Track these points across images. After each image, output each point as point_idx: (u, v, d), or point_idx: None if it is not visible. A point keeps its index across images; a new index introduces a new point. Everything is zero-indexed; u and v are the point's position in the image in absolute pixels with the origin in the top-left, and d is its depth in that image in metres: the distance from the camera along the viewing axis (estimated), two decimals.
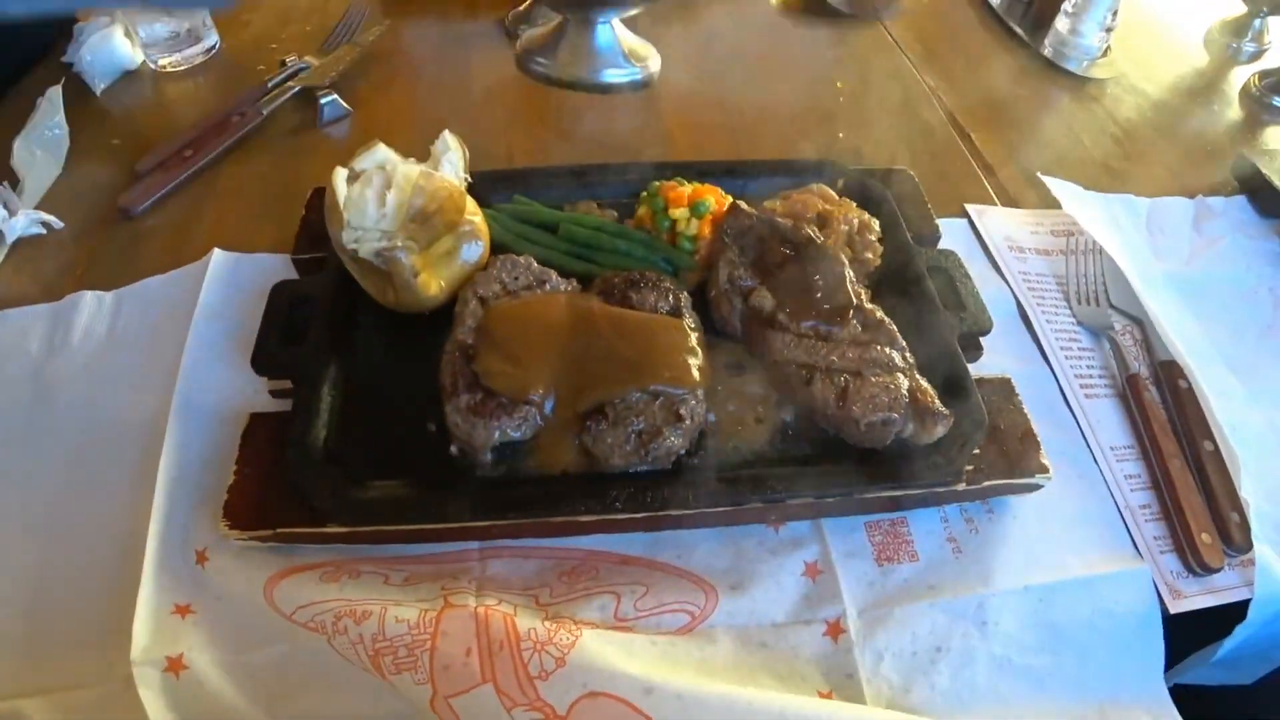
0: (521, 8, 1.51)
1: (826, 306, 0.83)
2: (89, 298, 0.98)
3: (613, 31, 1.31)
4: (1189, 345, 1.00)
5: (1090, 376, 1.01)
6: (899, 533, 0.83)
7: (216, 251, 1.02)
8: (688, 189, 0.94)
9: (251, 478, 0.76)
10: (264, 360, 0.84)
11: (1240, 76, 1.55)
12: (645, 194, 0.98)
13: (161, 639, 0.70)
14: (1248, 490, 0.89)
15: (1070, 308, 1.08)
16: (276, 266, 0.99)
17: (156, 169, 1.16)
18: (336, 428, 0.80)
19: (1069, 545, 0.83)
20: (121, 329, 0.96)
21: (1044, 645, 0.78)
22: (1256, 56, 1.61)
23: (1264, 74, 1.52)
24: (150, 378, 0.90)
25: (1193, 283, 1.13)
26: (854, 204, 0.98)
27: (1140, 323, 1.06)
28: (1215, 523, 0.88)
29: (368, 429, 0.81)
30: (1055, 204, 1.18)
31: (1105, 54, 1.52)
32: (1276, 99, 1.48)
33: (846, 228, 0.93)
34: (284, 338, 0.86)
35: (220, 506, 0.75)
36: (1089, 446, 0.92)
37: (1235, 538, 0.87)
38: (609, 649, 0.68)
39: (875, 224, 0.96)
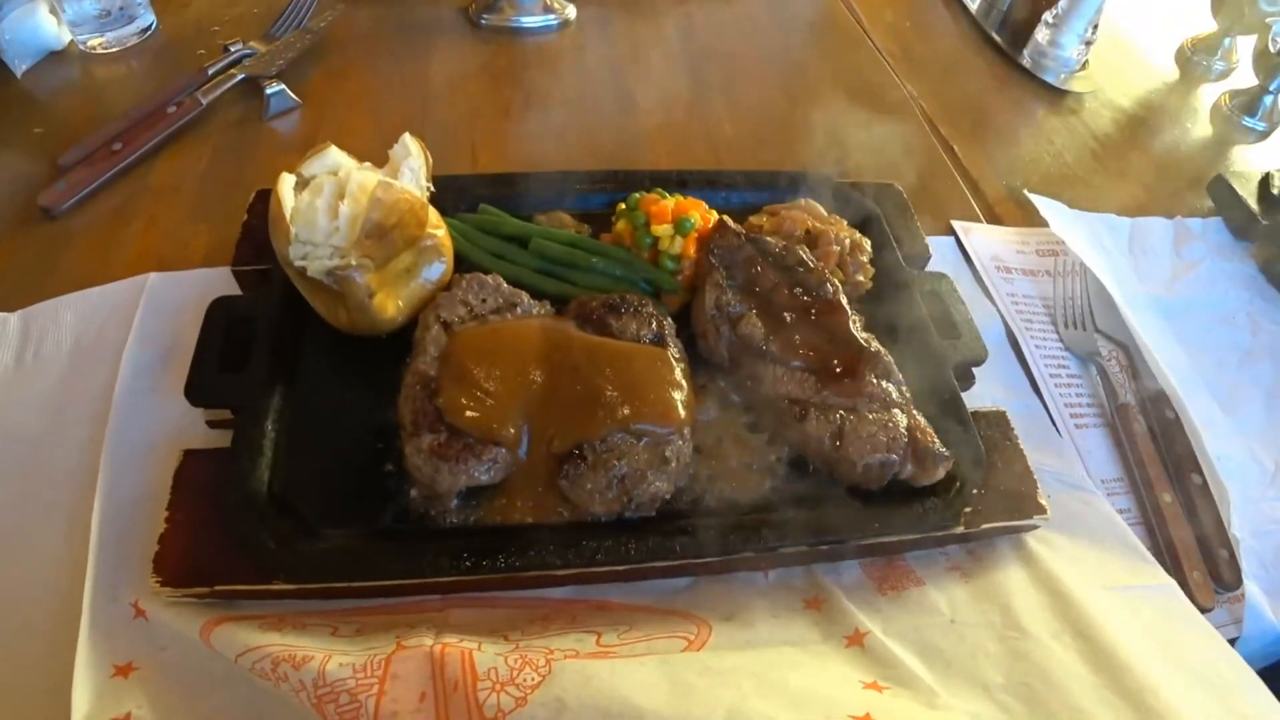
0: None
1: (821, 338, 0.78)
2: None
3: None
4: (1175, 373, 0.99)
5: (1080, 405, 0.98)
6: (897, 565, 0.78)
7: (153, 276, 0.92)
8: (670, 203, 0.87)
9: (185, 525, 0.68)
10: (200, 389, 0.75)
11: (1210, 93, 1.56)
12: (624, 206, 0.91)
13: (104, 704, 0.62)
14: (1237, 527, 0.88)
15: (1058, 332, 1.05)
16: (216, 280, 0.90)
17: (82, 164, 1.05)
18: (282, 467, 0.72)
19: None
20: (34, 355, 0.85)
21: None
22: (1225, 74, 1.62)
23: (1234, 93, 1.52)
24: (74, 411, 0.80)
25: (1175, 307, 1.12)
26: (844, 222, 0.93)
27: (1126, 348, 1.05)
28: (1204, 560, 0.86)
29: (317, 469, 0.73)
30: (1037, 220, 1.17)
31: (1083, 67, 1.51)
32: (1246, 119, 1.48)
33: (838, 248, 0.87)
34: (222, 363, 0.77)
35: (151, 556, 0.66)
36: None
37: (1225, 576, 0.86)
38: (590, 673, 0.60)
39: (867, 244, 0.91)
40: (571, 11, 1.44)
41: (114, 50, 1.26)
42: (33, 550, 0.72)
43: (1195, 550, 0.87)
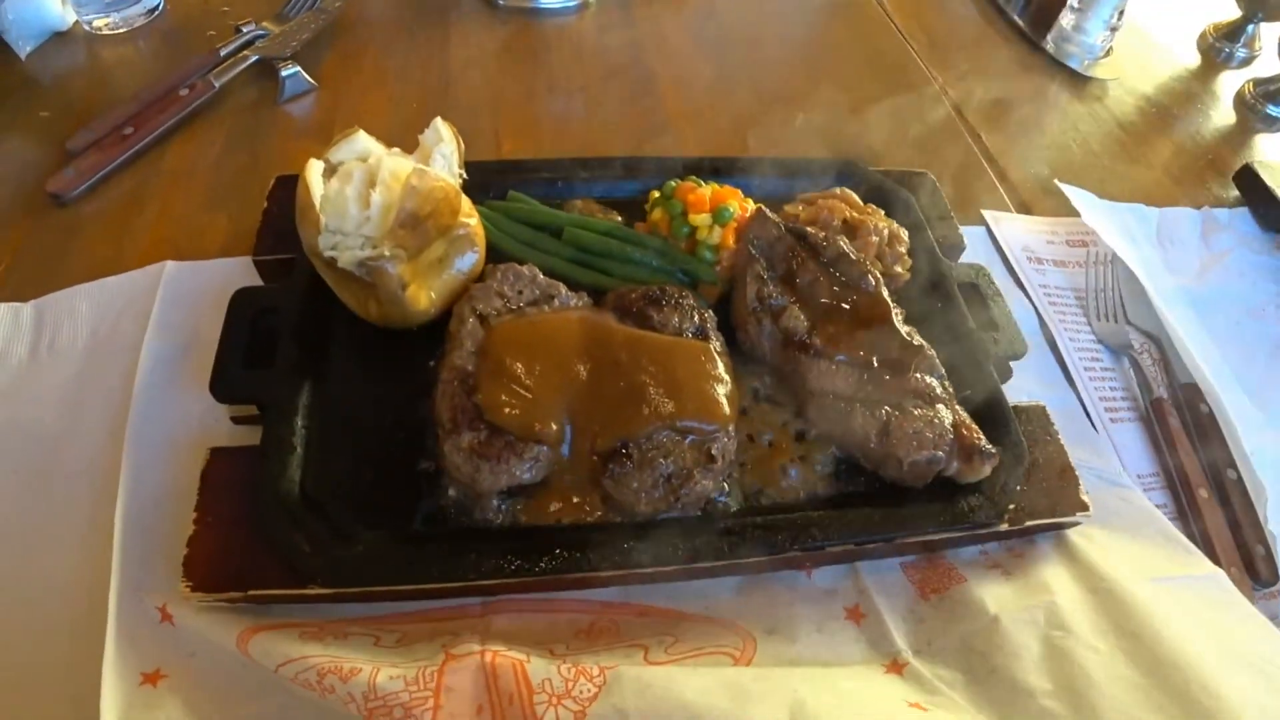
0: None
1: (864, 332, 0.76)
2: (2, 311, 0.84)
3: None
4: (1208, 366, 0.98)
5: (1114, 399, 0.97)
6: (938, 564, 0.77)
7: (169, 264, 0.89)
8: (708, 191, 0.85)
9: (215, 527, 0.65)
10: (225, 385, 0.72)
11: (1232, 81, 1.54)
12: (659, 195, 0.88)
13: (134, 714, 0.60)
14: (1273, 523, 0.87)
15: (1090, 324, 1.04)
16: (236, 271, 0.87)
17: (92, 148, 1.02)
18: (313, 466, 0.69)
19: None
20: (48, 347, 0.82)
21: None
22: (1248, 62, 1.59)
23: (1258, 81, 1.50)
24: (92, 405, 0.78)
25: (1204, 299, 1.11)
26: (881, 211, 0.90)
27: (1158, 341, 1.03)
28: (1240, 556, 0.86)
29: (350, 468, 0.71)
30: (1066, 210, 1.15)
31: (1107, 54, 1.49)
32: (1271, 107, 1.46)
33: (877, 239, 0.85)
34: (248, 357, 0.74)
35: (180, 559, 0.64)
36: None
37: (1261, 571, 0.85)
38: (648, 680, 0.58)
39: (905, 234, 0.89)
40: None
41: (121, 31, 1.23)
42: (53, 551, 0.70)
43: (1232, 546, 0.86)
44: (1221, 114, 1.46)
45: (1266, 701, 0.66)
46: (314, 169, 0.74)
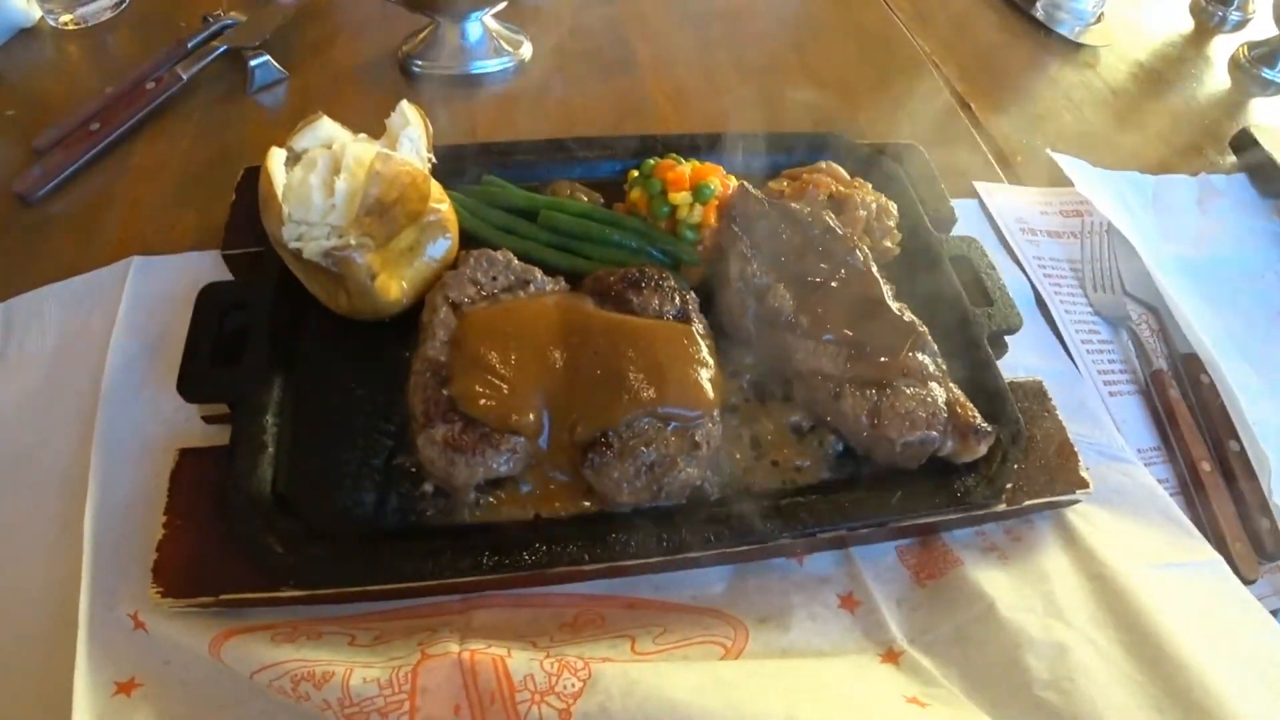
0: None
1: (853, 310, 0.73)
2: None
3: (483, 27, 1.19)
4: (1207, 336, 0.95)
5: (1112, 372, 0.95)
6: (934, 548, 0.75)
7: (136, 260, 0.86)
8: (687, 168, 0.82)
9: (185, 530, 0.63)
10: (193, 383, 0.70)
11: (1226, 45, 1.50)
12: (637, 174, 0.85)
13: None
14: (1278, 495, 0.85)
15: (1086, 296, 1.01)
16: (205, 265, 0.84)
17: (58, 146, 0.99)
18: (285, 465, 0.67)
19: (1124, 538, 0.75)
20: (16, 349, 0.80)
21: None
22: (1242, 25, 1.57)
23: (1252, 45, 1.47)
24: (62, 408, 0.75)
25: (1202, 267, 1.08)
26: (869, 185, 0.88)
27: (1156, 311, 1.01)
28: (1245, 530, 0.84)
29: (322, 465, 0.68)
30: (1059, 180, 1.12)
31: (1099, 20, 1.45)
32: (1266, 70, 1.44)
33: (864, 213, 0.83)
34: (216, 354, 0.72)
35: (150, 564, 0.62)
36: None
37: (1267, 545, 0.83)
38: (635, 678, 0.56)
39: (894, 208, 0.86)
40: None
41: (87, 25, 1.20)
42: (22, 558, 0.68)
43: (1236, 520, 0.84)
44: (1216, 79, 1.43)
45: (1264, 700, 0.64)
46: (275, 157, 0.71)
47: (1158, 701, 0.63)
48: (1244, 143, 1.23)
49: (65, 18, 1.19)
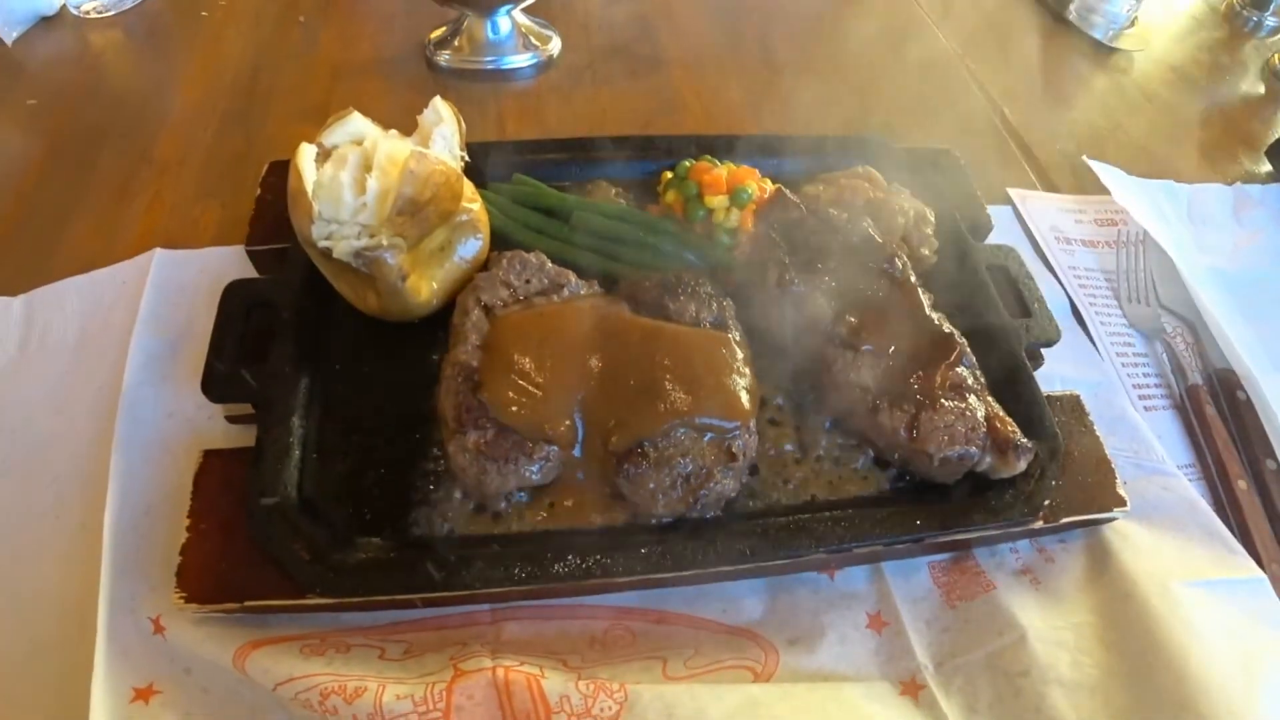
0: None
1: (891, 320, 0.72)
2: None
3: (511, 21, 1.17)
4: (1244, 350, 0.93)
5: (1147, 386, 0.93)
6: (966, 567, 0.73)
7: (158, 253, 0.85)
8: (724, 171, 0.80)
9: (209, 535, 0.62)
10: (218, 383, 0.69)
11: (1260, 51, 1.48)
12: (672, 175, 0.83)
13: None
14: None
15: (1121, 308, 0.99)
16: (228, 261, 0.83)
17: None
18: (311, 469, 0.66)
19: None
20: (38, 342, 0.79)
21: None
22: (1276, 31, 1.54)
23: None
24: (80, 403, 0.74)
25: (1238, 279, 1.06)
26: (906, 191, 0.86)
27: (1192, 325, 0.99)
28: None
29: (351, 469, 0.67)
30: (1093, 187, 1.10)
31: (1132, 24, 1.43)
32: None
33: (902, 220, 0.81)
34: (241, 353, 0.70)
35: (173, 568, 0.60)
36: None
37: None
38: (671, 700, 0.55)
39: (931, 215, 0.84)
40: None
41: (110, 14, 1.18)
42: (40, 556, 0.67)
43: (1273, 540, 0.82)
44: (1250, 85, 1.41)
45: None
46: (305, 153, 0.69)
47: None
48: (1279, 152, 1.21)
49: (88, 6, 1.18)
